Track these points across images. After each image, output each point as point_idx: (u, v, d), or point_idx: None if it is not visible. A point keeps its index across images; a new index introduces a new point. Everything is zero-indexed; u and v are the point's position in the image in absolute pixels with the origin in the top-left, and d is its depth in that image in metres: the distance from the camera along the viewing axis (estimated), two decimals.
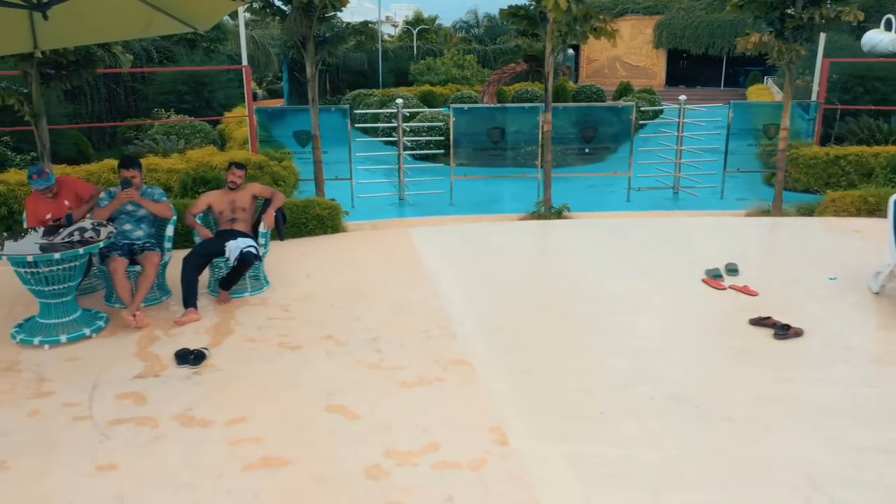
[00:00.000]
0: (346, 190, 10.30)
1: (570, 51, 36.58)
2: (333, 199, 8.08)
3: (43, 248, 4.48)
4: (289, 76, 26.34)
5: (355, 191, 10.54)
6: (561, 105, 11.90)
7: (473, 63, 31.83)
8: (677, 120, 11.36)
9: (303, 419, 3.67)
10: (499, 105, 11.58)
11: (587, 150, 11.35)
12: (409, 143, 11.26)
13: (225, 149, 13.24)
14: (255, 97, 23.06)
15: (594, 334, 4.82)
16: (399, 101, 10.73)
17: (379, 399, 3.87)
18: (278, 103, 25.49)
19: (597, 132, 11.20)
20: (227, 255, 5.18)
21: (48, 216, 5.31)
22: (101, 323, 4.79)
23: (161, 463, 3.28)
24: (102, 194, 5.34)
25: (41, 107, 7.04)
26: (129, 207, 5.31)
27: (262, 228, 5.47)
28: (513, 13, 8.99)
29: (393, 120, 12.21)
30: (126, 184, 5.18)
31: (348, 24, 8.33)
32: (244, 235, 5.38)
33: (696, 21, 34.32)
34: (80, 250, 4.45)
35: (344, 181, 10.50)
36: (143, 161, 9.84)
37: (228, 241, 5.24)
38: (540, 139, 10.99)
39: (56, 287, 4.51)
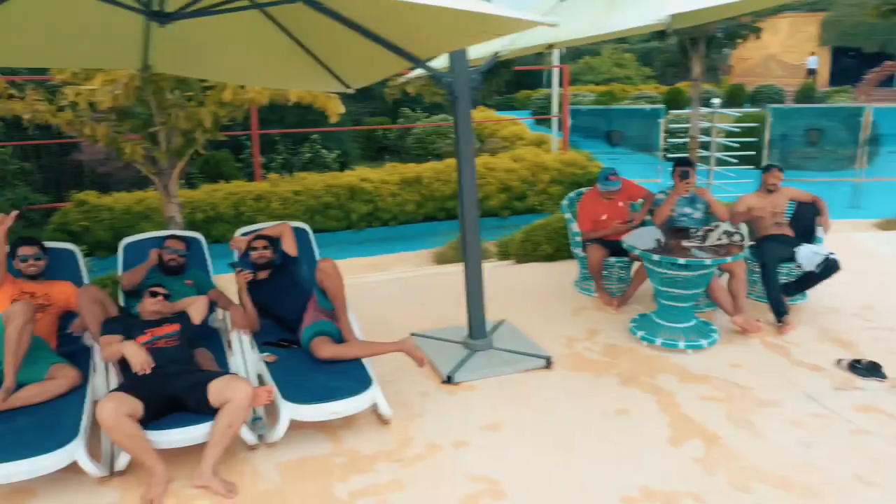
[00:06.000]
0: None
1: (726, 49, 35.38)
2: None
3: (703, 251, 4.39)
4: None
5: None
6: (885, 106, 11.34)
7: (633, 61, 31.16)
8: None
9: None
10: (821, 105, 11.17)
11: None
12: (729, 145, 10.90)
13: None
14: None
15: None
16: (716, 100, 10.37)
17: None
18: None
19: None
20: (797, 261, 4.99)
21: (603, 217, 5.29)
22: (716, 327, 4.68)
23: None
24: (660, 195, 5.25)
25: None
26: (687, 209, 5.20)
27: (819, 233, 5.25)
28: (893, 10, 8.52)
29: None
30: (684, 176, 5.03)
31: (744, 21, 8.07)
32: (796, 242, 5.17)
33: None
34: (741, 254, 4.35)
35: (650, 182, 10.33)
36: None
37: (796, 247, 5.04)
38: (861, 141, 10.49)
39: (694, 291, 4.43)
